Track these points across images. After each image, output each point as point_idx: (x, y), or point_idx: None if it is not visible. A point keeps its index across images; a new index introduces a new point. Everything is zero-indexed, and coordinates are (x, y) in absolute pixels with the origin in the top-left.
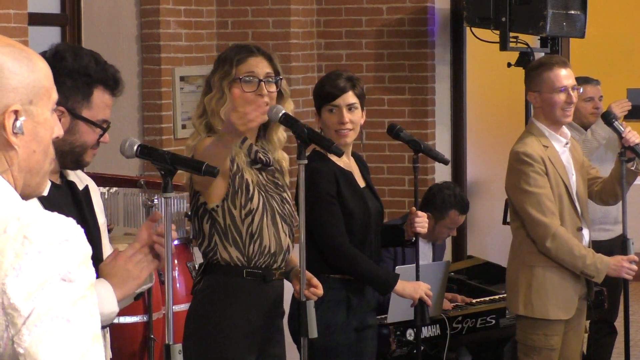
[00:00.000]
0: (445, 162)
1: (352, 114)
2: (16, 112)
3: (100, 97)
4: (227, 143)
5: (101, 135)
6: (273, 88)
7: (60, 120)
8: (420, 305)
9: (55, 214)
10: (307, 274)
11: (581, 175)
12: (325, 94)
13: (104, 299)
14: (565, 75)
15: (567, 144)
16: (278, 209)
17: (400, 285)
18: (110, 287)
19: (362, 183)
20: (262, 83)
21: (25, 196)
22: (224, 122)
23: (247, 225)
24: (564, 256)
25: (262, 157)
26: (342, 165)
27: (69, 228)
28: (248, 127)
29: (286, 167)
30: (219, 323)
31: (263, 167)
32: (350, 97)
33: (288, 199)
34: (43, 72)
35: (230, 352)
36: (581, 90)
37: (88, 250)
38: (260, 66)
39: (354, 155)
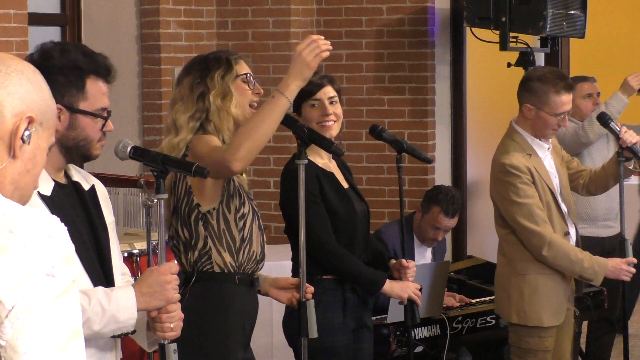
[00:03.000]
0: (427, 161)
1: (334, 106)
2: (30, 122)
3: (94, 86)
4: (292, 90)
5: (104, 125)
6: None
7: (59, 118)
8: (410, 305)
9: (40, 210)
10: (291, 279)
11: (563, 175)
12: (304, 91)
13: (122, 307)
14: (568, 102)
15: (549, 148)
16: (257, 216)
17: (389, 285)
18: (133, 295)
19: (344, 184)
20: (257, 83)
21: None
22: (276, 93)
23: (240, 229)
24: (561, 262)
25: None
26: (322, 166)
27: (53, 225)
28: (320, 58)
29: (246, 179)
30: (217, 331)
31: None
32: (330, 91)
33: (257, 209)
34: (55, 108)
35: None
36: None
37: (71, 248)
38: (248, 68)
39: (335, 159)
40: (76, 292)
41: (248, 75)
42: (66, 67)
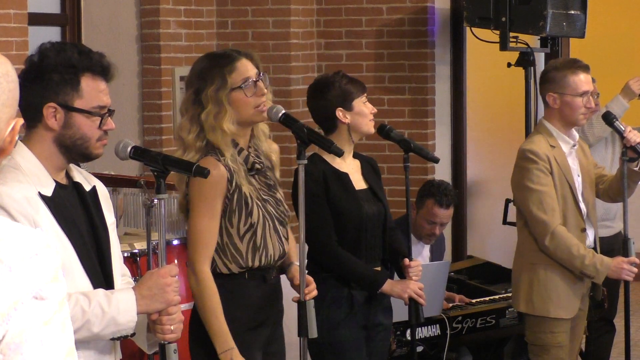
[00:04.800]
0: (435, 161)
1: None
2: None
3: (89, 84)
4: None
5: (101, 123)
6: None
7: (55, 117)
8: (413, 305)
9: (23, 226)
10: (296, 279)
11: (588, 177)
12: (359, 85)
13: (122, 310)
14: (588, 81)
15: (574, 145)
16: (275, 213)
17: (389, 285)
18: (133, 298)
19: (362, 185)
20: (259, 83)
21: None
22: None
23: (249, 240)
24: (562, 254)
25: (258, 166)
26: (337, 166)
27: (38, 241)
28: None
29: (276, 160)
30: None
31: (257, 172)
32: None
33: (281, 198)
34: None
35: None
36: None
37: (58, 262)
38: (249, 67)
39: (362, 158)
40: (67, 308)
41: (248, 80)
42: (60, 65)
